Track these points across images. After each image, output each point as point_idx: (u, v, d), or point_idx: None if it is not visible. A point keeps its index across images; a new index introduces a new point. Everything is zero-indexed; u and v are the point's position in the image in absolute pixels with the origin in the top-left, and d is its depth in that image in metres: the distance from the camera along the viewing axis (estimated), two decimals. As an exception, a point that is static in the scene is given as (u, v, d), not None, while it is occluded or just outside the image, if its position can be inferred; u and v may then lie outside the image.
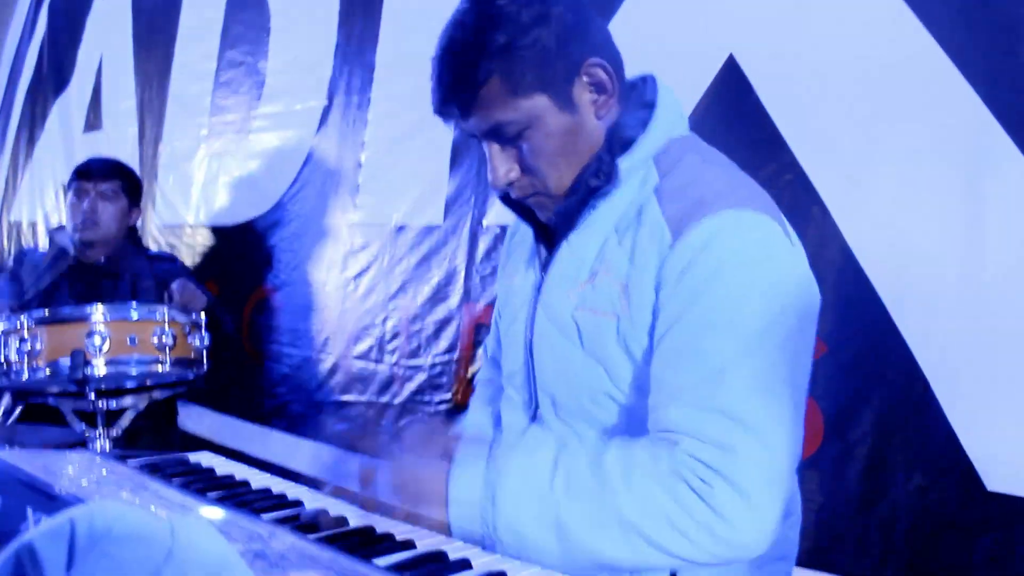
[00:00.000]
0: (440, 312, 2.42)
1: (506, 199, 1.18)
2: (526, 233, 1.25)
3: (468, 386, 2.31)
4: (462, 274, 2.36)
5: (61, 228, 2.74)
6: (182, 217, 3.42)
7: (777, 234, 1.01)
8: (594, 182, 1.07)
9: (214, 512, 0.96)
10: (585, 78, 1.06)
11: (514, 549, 0.94)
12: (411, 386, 2.49)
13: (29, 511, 0.95)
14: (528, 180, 1.08)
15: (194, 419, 3.14)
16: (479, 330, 2.31)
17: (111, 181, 2.61)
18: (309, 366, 2.82)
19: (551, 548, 0.94)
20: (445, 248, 2.42)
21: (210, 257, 3.25)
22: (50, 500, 0.95)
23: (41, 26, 4.49)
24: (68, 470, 1.11)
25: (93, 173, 2.61)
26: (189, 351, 1.87)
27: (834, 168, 1.61)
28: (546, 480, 0.95)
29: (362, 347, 2.65)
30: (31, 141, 4.48)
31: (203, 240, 3.32)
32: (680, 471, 0.92)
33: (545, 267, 1.15)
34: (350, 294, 2.70)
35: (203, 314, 2.11)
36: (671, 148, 1.09)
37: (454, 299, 2.38)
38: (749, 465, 0.91)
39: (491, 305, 2.23)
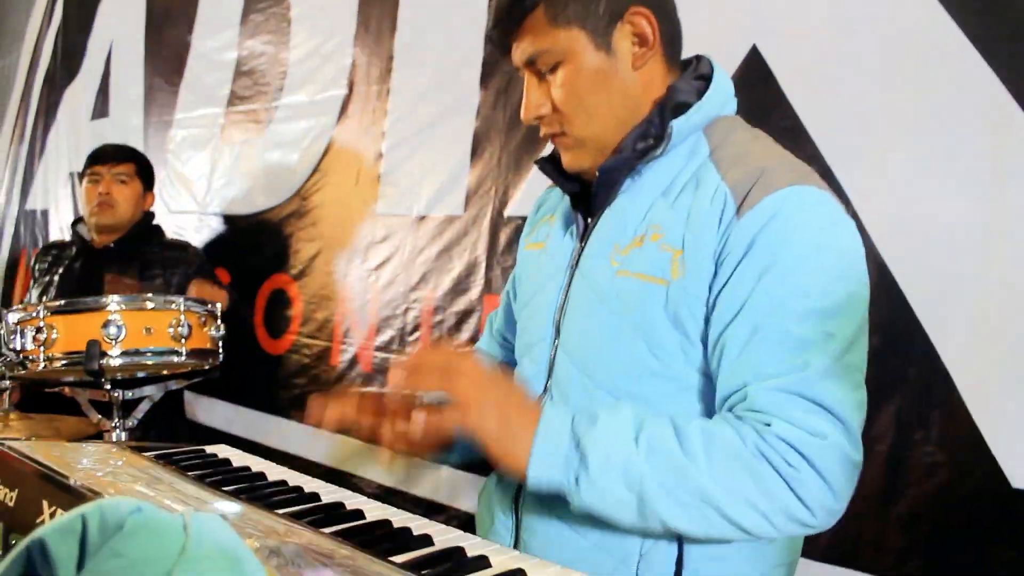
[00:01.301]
0: (461, 303, 2.41)
1: (543, 163, 1.18)
2: (556, 202, 1.24)
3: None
4: (483, 265, 2.35)
5: (79, 220, 2.75)
6: (190, 205, 3.43)
7: (842, 211, 1.02)
8: (642, 144, 1.07)
9: (229, 506, 0.95)
10: (628, 25, 1.07)
11: (591, 503, 0.94)
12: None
13: (44, 504, 0.94)
14: (557, 117, 1.09)
15: (206, 410, 3.16)
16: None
17: (125, 164, 2.65)
18: (329, 357, 2.82)
19: (629, 510, 0.93)
20: (466, 239, 2.41)
21: (222, 246, 3.25)
22: (66, 492, 0.94)
23: (58, 15, 4.51)
24: (83, 462, 1.10)
25: (107, 157, 2.65)
26: (205, 341, 1.86)
27: (857, 160, 1.58)
28: (630, 441, 0.93)
29: (384, 338, 2.64)
30: (46, 130, 4.51)
31: (214, 228, 3.32)
32: (767, 453, 0.91)
33: (584, 235, 1.13)
34: (371, 285, 2.69)
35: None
36: (721, 122, 1.09)
37: (475, 290, 2.37)
38: (835, 453, 0.92)
39: None
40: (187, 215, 3.43)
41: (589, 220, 1.14)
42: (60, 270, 2.65)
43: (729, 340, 0.97)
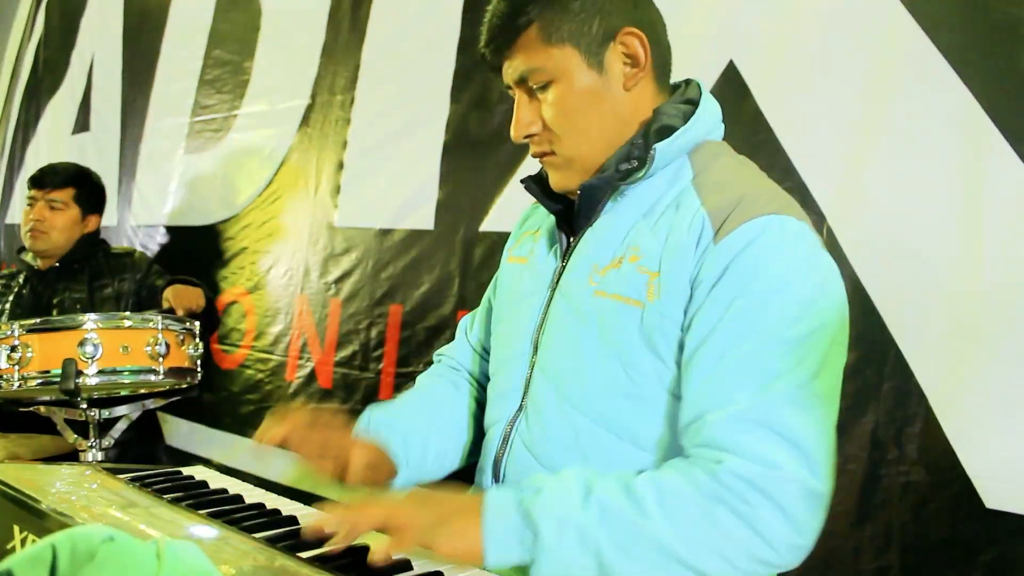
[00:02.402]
0: (432, 319, 2.38)
1: (529, 182, 1.19)
2: (542, 218, 1.25)
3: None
4: (457, 280, 2.33)
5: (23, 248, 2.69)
6: (157, 217, 3.40)
7: (818, 244, 1.01)
8: (625, 165, 1.07)
9: (205, 530, 0.94)
10: (620, 46, 1.08)
11: (553, 573, 0.91)
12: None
13: (15, 529, 0.93)
14: (547, 136, 1.09)
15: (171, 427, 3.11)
16: None
17: (61, 190, 2.56)
18: (284, 372, 2.79)
19: (591, 574, 0.91)
20: (437, 254, 2.38)
21: (182, 258, 3.20)
22: (37, 517, 0.93)
23: (39, 27, 4.48)
24: (57, 485, 1.09)
25: (45, 182, 2.57)
26: (184, 359, 1.85)
27: (831, 175, 1.60)
28: (579, 505, 0.91)
29: (345, 353, 2.61)
30: (25, 143, 4.47)
31: (176, 240, 3.29)
32: (720, 494, 0.89)
33: (566, 253, 1.14)
34: (330, 299, 2.67)
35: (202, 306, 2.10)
36: (706, 148, 1.10)
37: (447, 306, 2.34)
38: (793, 484, 0.89)
39: None
40: (151, 228, 3.41)
41: (571, 239, 1.15)
42: (10, 297, 2.59)
43: (695, 365, 0.97)
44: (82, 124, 4.01)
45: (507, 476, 1.13)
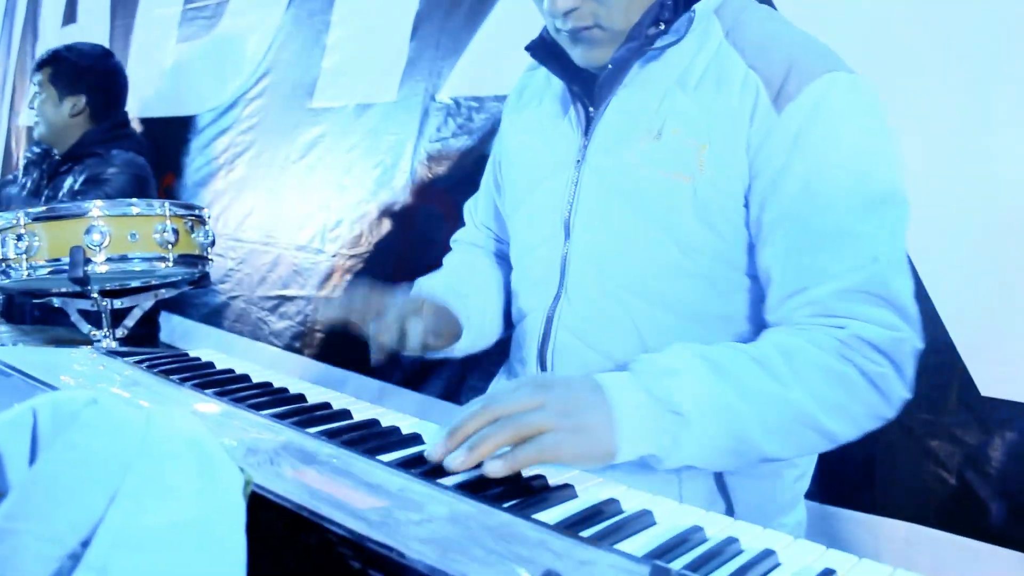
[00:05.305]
0: (384, 195, 2.33)
1: (536, 48, 1.10)
2: (541, 87, 1.17)
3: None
4: (410, 151, 2.26)
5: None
6: (149, 110, 3.34)
7: (875, 93, 0.97)
8: (652, 30, 0.99)
9: (210, 406, 0.91)
10: None
11: (688, 458, 0.87)
12: (350, 278, 2.42)
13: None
14: (590, 9, 0.98)
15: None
16: (424, 213, 2.22)
17: (38, 73, 2.47)
18: (253, 258, 2.76)
19: (728, 454, 0.88)
20: (396, 125, 2.32)
21: (171, 149, 3.15)
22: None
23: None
24: (60, 365, 1.06)
25: (34, 65, 2.49)
26: (193, 247, 1.80)
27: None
28: (714, 383, 0.86)
29: (304, 237, 2.57)
30: (35, 41, 4.37)
31: (165, 132, 3.22)
32: (850, 355, 0.90)
33: (588, 127, 1.06)
34: (298, 181, 2.62)
35: None
36: (730, 3, 1.03)
37: (399, 180, 2.29)
38: (908, 346, 0.92)
39: (437, 186, 2.14)
40: (145, 121, 3.34)
41: (591, 110, 1.06)
42: (35, 174, 2.54)
43: (781, 240, 0.94)
44: (69, 16, 3.89)
45: (555, 366, 1.09)
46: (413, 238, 2.25)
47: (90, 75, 2.50)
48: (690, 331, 1.00)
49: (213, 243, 1.84)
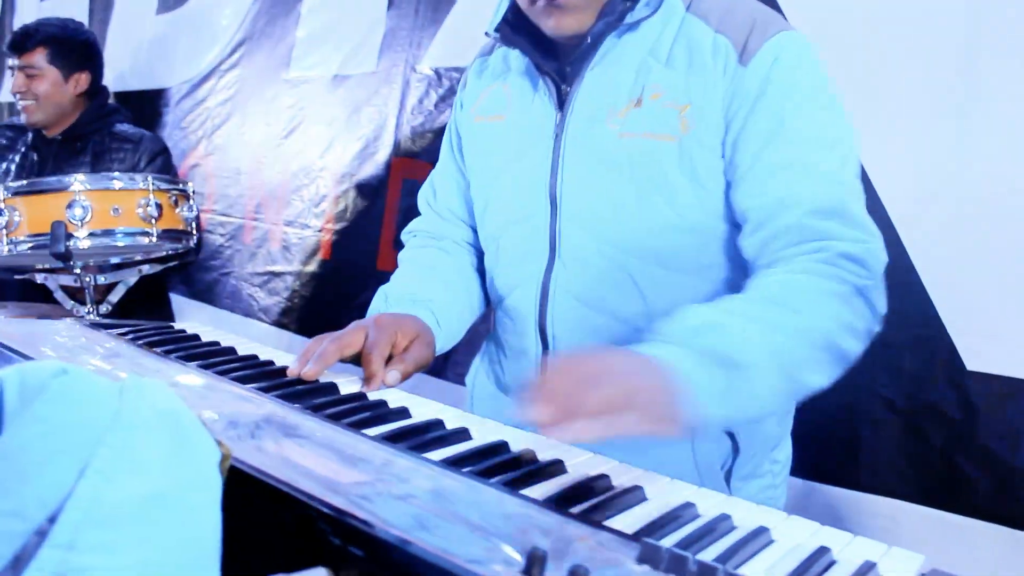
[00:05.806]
0: (368, 168, 2.30)
1: (506, 31, 1.11)
2: (500, 68, 1.19)
3: (392, 249, 2.22)
4: (392, 124, 2.23)
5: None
6: (128, 84, 3.28)
7: (817, 51, 1.04)
8: (622, 6, 1.04)
9: (192, 379, 0.89)
10: None
11: (748, 412, 0.88)
12: (335, 252, 2.40)
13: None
14: None
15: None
16: (408, 187, 2.19)
17: (33, 53, 2.33)
18: (242, 235, 2.73)
19: (781, 395, 0.89)
20: (377, 97, 2.28)
21: (148, 124, 3.05)
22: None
23: None
24: (39, 337, 1.03)
25: (17, 46, 2.34)
26: (178, 222, 1.77)
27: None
28: (750, 334, 0.85)
29: (292, 212, 2.54)
30: (13, 11, 4.29)
31: (144, 106, 3.16)
32: (840, 275, 0.92)
33: (564, 100, 1.08)
34: (282, 155, 2.58)
35: None
36: None
37: (382, 154, 2.26)
38: (880, 256, 0.96)
39: (420, 159, 2.11)
40: (124, 95, 3.27)
41: (563, 86, 1.08)
42: (16, 158, 2.46)
43: (755, 178, 0.99)
44: None
45: (557, 332, 1.11)
46: (398, 212, 2.23)
47: (91, 50, 2.44)
48: (686, 284, 1.05)
49: (198, 218, 1.82)
